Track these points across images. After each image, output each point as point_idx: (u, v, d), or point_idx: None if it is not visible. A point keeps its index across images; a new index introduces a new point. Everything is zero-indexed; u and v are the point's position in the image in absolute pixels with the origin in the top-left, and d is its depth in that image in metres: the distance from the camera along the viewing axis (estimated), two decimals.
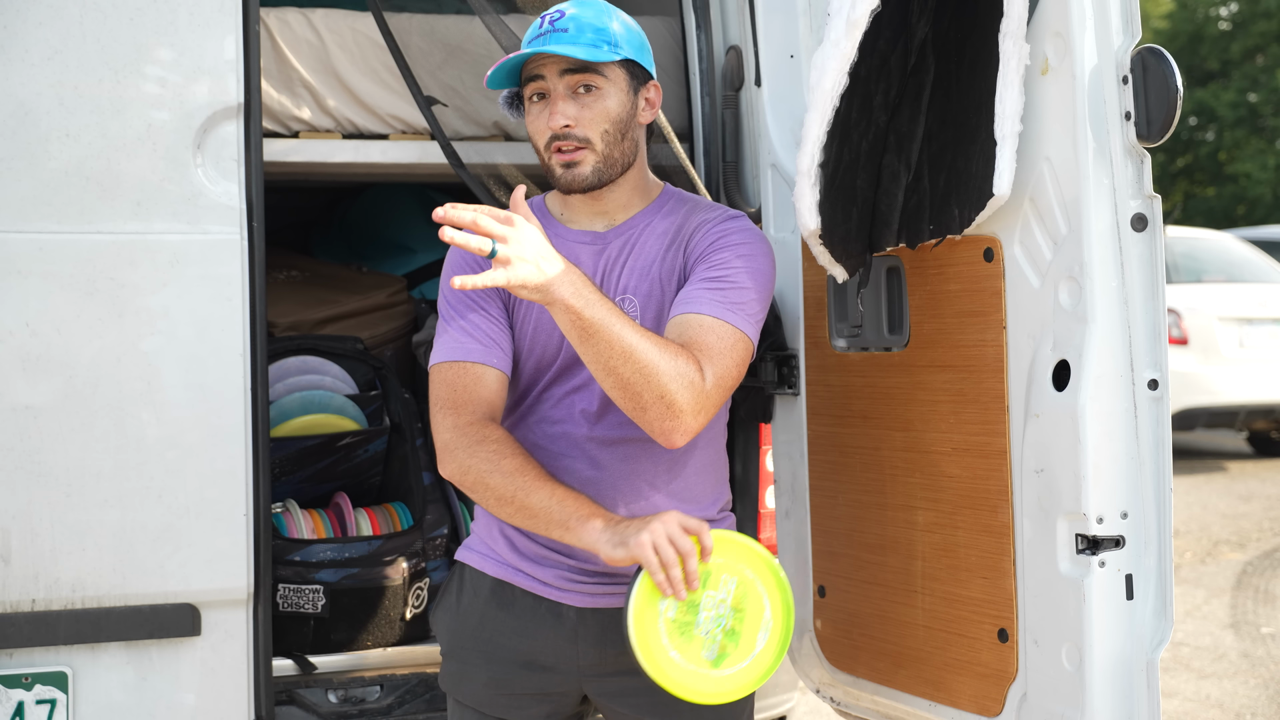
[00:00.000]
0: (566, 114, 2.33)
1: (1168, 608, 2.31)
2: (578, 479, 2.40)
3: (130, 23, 2.82)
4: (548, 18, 2.36)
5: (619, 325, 2.16)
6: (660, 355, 2.18)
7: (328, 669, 3.34)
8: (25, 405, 2.77)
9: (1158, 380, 2.32)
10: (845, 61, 2.54)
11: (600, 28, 2.36)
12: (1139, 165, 2.31)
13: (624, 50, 2.37)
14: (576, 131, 2.34)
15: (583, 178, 2.36)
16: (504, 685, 2.44)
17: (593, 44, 2.33)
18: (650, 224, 2.45)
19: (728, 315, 2.30)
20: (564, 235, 2.45)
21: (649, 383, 2.18)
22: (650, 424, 2.23)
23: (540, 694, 2.45)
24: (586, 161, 2.36)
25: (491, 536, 2.48)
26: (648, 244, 2.43)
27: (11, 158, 2.76)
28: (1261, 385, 10.38)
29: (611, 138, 2.37)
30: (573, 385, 2.43)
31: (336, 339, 3.96)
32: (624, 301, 2.41)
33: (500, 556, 2.47)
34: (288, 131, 3.37)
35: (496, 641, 2.44)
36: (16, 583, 2.76)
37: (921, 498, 2.66)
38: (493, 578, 2.47)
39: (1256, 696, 5.43)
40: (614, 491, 2.41)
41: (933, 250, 2.62)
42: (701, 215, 2.46)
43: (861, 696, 2.86)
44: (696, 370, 2.22)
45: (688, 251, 2.41)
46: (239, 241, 2.89)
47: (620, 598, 2.39)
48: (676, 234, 2.44)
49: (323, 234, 4.97)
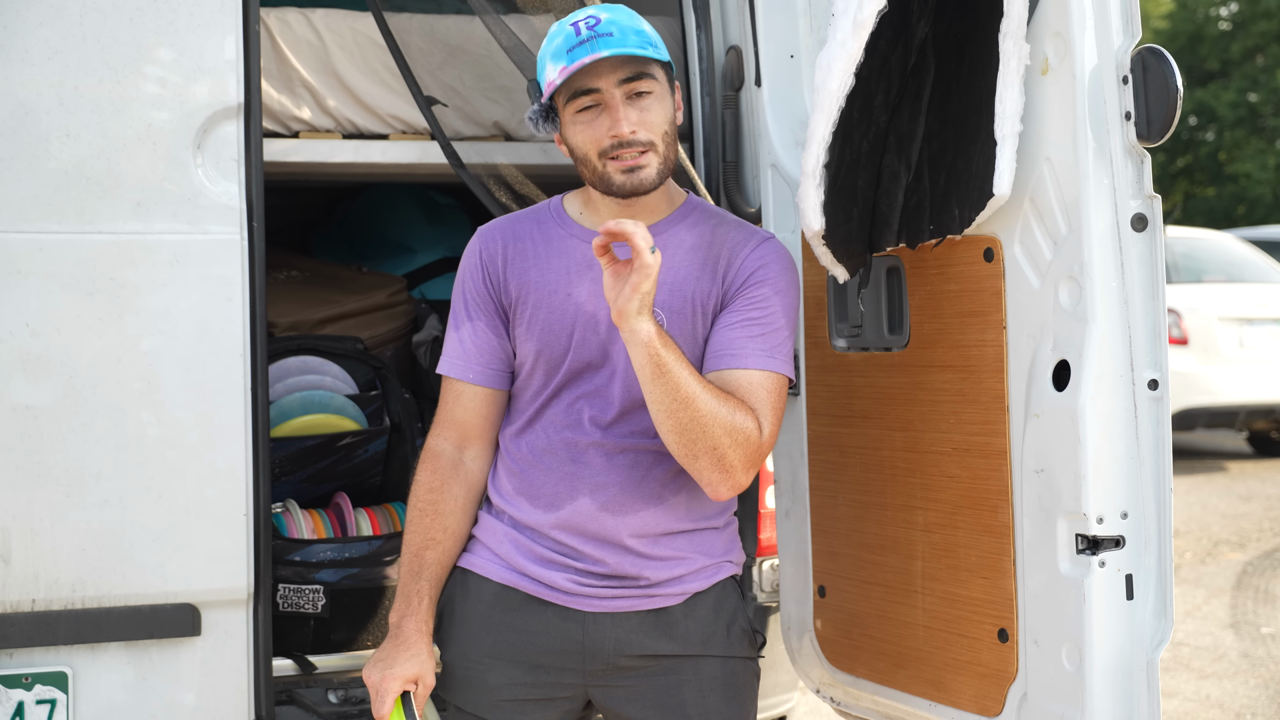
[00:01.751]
0: (631, 120, 2.33)
1: (1168, 608, 2.31)
2: (588, 485, 2.40)
3: (130, 23, 2.82)
4: (583, 23, 2.33)
5: (687, 372, 2.25)
6: (720, 408, 2.26)
7: (328, 669, 3.33)
8: (25, 405, 2.76)
9: (1158, 380, 2.32)
10: (852, 62, 2.54)
11: (639, 30, 2.36)
12: (1139, 165, 2.31)
13: (663, 51, 2.38)
14: (640, 136, 2.34)
15: (650, 180, 2.36)
16: (509, 691, 2.43)
17: (641, 46, 2.33)
18: (677, 235, 2.45)
19: (772, 364, 2.37)
20: (579, 235, 2.45)
21: (704, 434, 2.26)
22: (700, 474, 2.31)
23: (545, 699, 2.44)
24: (651, 165, 2.36)
25: (497, 542, 2.47)
26: (677, 258, 2.43)
27: (11, 158, 2.76)
28: (1261, 385, 10.38)
29: (670, 139, 2.39)
30: (582, 392, 2.42)
31: (336, 339, 3.96)
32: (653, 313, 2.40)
33: (507, 562, 2.46)
34: (288, 131, 3.37)
35: (501, 647, 2.43)
36: (16, 583, 2.76)
37: (921, 498, 2.66)
38: (498, 583, 2.46)
39: (1256, 696, 5.43)
40: (624, 498, 2.41)
41: (933, 250, 2.62)
42: (733, 237, 2.45)
43: (861, 696, 2.86)
44: (756, 427, 2.30)
45: (726, 281, 2.42)
46: (239, 241, 2.89)
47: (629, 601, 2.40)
48: (708, 253, 2.43)
49: (323, 234, 4.97)
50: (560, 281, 2.43)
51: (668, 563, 2.43)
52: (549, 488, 2.43)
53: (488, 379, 2.48)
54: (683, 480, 2.43)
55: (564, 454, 2.42)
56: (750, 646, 2.51)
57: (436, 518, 2.48)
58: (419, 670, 2.41)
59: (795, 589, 3.03)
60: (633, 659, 2.42)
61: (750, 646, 2.51)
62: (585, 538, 2.41)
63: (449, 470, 2.49)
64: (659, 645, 2.42)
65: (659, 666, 2.43)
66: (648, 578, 2.42)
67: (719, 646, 2.46)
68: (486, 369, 2.47)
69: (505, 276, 2.46)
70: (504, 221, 2.54)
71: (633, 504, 2.41)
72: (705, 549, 2.47)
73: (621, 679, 2.43)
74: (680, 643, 2.43)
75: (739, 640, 2.49)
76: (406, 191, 4.68)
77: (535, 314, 2.43)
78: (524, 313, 2.44)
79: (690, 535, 2.45)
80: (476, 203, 3.33)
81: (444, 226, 4.58)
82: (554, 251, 2.45)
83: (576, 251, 2.44)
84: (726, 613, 2.48)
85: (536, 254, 2.45)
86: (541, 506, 2.43)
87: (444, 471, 2.49)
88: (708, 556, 2.47)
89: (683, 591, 2.44)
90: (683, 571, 2.44)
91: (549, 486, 2.43)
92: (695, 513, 2.45)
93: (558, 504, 2.42)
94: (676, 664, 2.43)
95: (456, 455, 2.50)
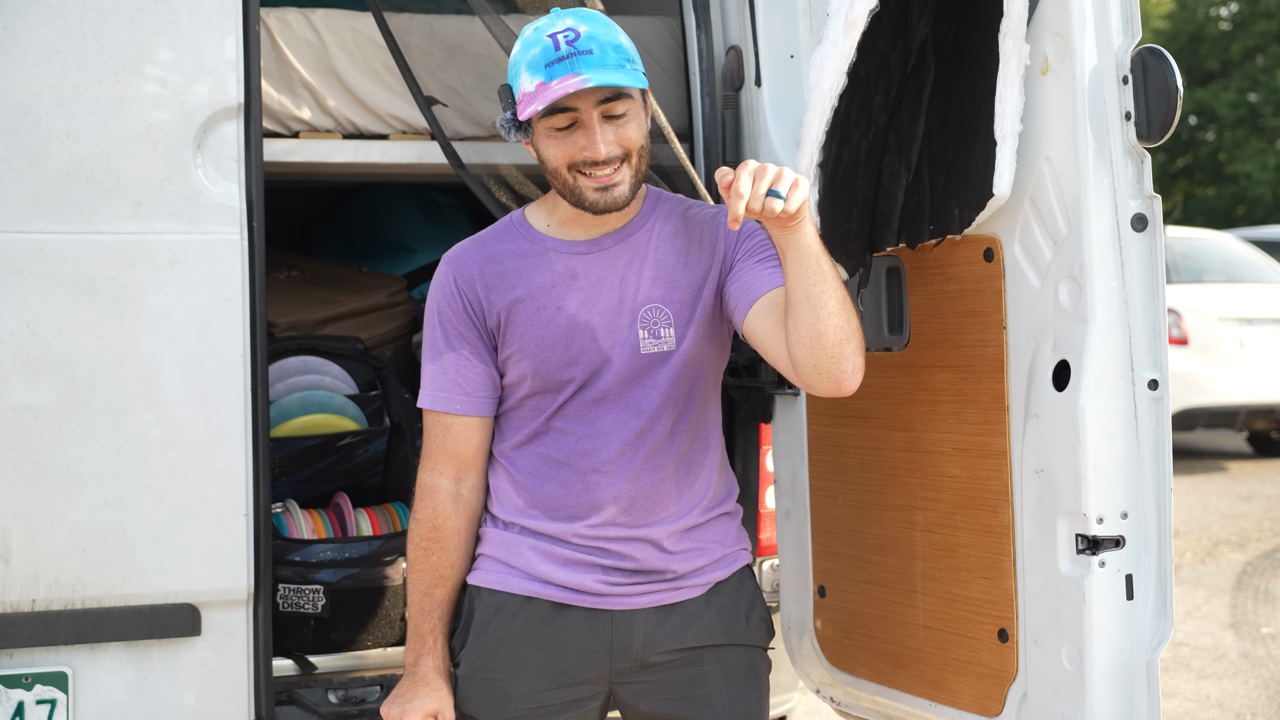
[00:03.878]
0: (607, 139, 2.32)
1: (1168, 608, 2.31)
2: (610, 494, 2.40)
3: (130, 23, 2.82)
4: (560, 37, 2.31)
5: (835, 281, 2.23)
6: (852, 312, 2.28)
7: (328, 669, 3.33)
8: (25, 405, 2.76)
9: (1158, 380, 2.32)
10: (844, 61, 2.54)
11: (617, 45, 2.34)
12: (1139, 165, 2.31)
13: (640, 66, 2.37)
14: (615, 153, 2.33)
15: (623, 198, 2.36)
16: (532, 700, 2.41)
17: (619, 65, 2.31)
18: (654, 229, 2.45)
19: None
20: (555, 248, 2.44)
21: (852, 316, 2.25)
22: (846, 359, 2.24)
23: (569, 703, 2.43)
24: (624, 182, 2.35)
25: (514, 554, 2.45)
26: (662, 252, 2.43)
27: (12, 158, 2.76)
28: (1261, 385, 10.38)
29: (643, 151, 2.38)
30: (591, 399, 2.41)
31: (336, 339, 3.96)
32: (655, 310, 2.40)
33: (529, 572, 2.44)
34: (288, 131, 3.37)
35: (526, 658, 2.42)
36: (17, 583, 2.76)
37: (922, 498, 2.66)
38: (521, 596, 2.44)
39: (1256, 697, 5.43)
40: (647, 500, 2.41)
41: (933, 250, 2.62)
42: (703, 214, 2.48)
43: (862, 696, 2.87)
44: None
45: (723, 248, 2.43)
46: (239, 241, 2.89)
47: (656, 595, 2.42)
48: (688, 238, 2.44)
49: (323, 234, 4.97)
50: (547, 297, 2.41)
51: (690, 554, 2.45)
52: (569, 500, 2.42)
53: (477, 408, 2.46)
54: (697, 471, 2.45)
55: (582, 465, 2.41)
56: (768, 635, 2.54)
57: (443, 554, 2.48)
58: (439, 705, 2.42)
59: (795, 589, 3.03)
60: (661, 654, 2.43)
61: (768, 635, 2.54)
62: (612, 539, 2.41)
63: (449, 505, 2.48)
64: (685, 637, 2.44)
65: (685, 659, 2.44)
66: (674, 570, 2.44)
67: (741, 635, 2.49)
68: (473, 398, 2.45)
69: (488, 301, 2.43)
70: (471, 245, 2.50)
71: (655, 503, 2.42)
72: (722, 538, 2.49)
73: (648, 674, 2.43)
74: (705, 633, 2.45)
75: (758, 628, 2.52)
76: (406, 191, 4.68)
77: (527, 332, 2.41)
78: (514, 333, 2.42)
79: (708, 525, 2.48)
80: (476, 203, 3.33)
81: (444, 226, 4.57)
82: (533, 269, 2.43)
83: (558, 264, 2.42)
84: (746, 600, 2.51)
85: (518, 274, 2.43)
86: (562, 519, 2.43)
87: (444, 507, 2.48)
88: (725, 545, 2.49)
89: (706, 582, 2.47)
90: (704, 562, 2.46)
91: (569, 499, 2.42)
92: (710, 501, 2.48)
93: (580, 515, 2.42)
94: (701, 654, 2.45)
95: (454, 489, 2.49)
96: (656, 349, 2.40)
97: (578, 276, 2.40)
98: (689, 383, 2.43)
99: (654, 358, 2.40)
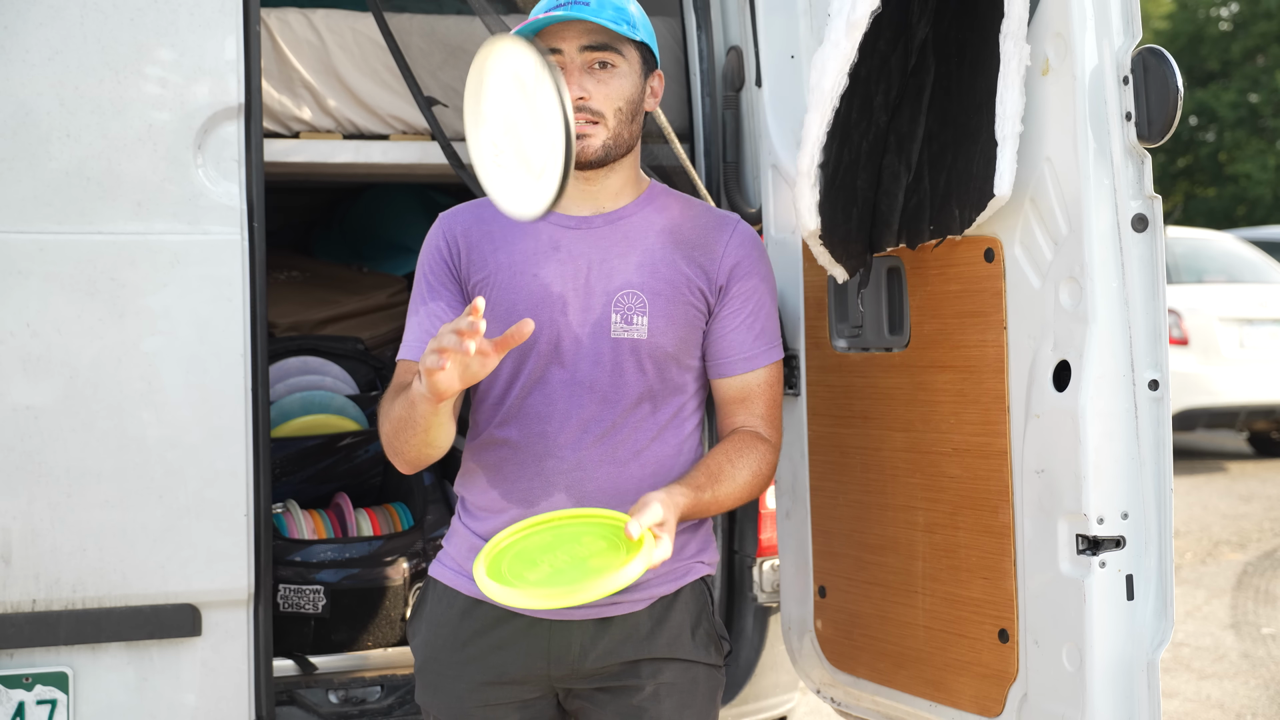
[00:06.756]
0: (584, 87, 2.33)
1: (1168, 608, 2.31)
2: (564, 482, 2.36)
3: (131, 23, 2.82)
4: None
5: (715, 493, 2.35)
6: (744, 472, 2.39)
7: (328, 669, 3.34)
8: (26, 405, 2.77)
9: (1158, 380, 2.32)
10: (845, 62, 2.54)
11: (620, 7, 2.36)
12: (1139, 166, 2.31)
13: (640, 33, 2.38)
14: (591, 104, 2.33)
15: (593, 149, 2.35)
16: (479, 698, 2.40)
17: (613, 20, 2.33)
18: (647, 218, 2.43)
19: (775, 354, 2.47)
20: (550, 219, 2.41)
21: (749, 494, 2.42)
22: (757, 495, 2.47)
23: (518, 701, 2.41)
24: (597, 135, 2.35)
25: (462, 555, 2.44)
26: (648, 240, 2.41)
27: (12, 158, 2.76)
28: (1262, 385, 10.38)
29: (624, 116, 2.37)
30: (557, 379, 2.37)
31: (337, 339, 3.97)
32: (631, 295, 2.38)
33: None
34: (288, 132, 3.38)
35: (470, 655, 2.40)
36: (17, 583, 2.76)
37: (922, 498, 2.66)
38: (466, 596, 2.42)
39: (1257, 697, 5.43)
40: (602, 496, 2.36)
41: (933, 250, 2.62)
42: (703, 220, 2.46)
43: (862, 697, 2.86)
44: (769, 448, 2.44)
45: (710, 276, 2.41)
46: (239, 242, 2.89)
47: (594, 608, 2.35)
48: (679, 235, 2.42)
49: (323, 234, 4.98)
50: (526, 263, 2.39)
51: None
52: (522, 484, 2.38)
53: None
54: (664, 474, 2.39)
55: (538, 448, 2.37)
56: (715, 652, 2.46)
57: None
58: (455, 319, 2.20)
59: (795, 589, 3.03)
60: (597, 666, 2.38)
61: (715, 652, 2.46)
62: None
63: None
64: (622, 651, 2.38)
65: (623, 672, 2.39)
66: None
67: (684, 650, 2.41)
68: None
69: (470, 260, 2.42)
70: (467, 206, 2.49)
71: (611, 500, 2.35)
72: (677, 551, 2.41)
73: (585, 683, 2.39)
74: (644, 646, 2.39)
75: (703, 644, 2.44)
76: (407, 192, 4.69)
77: (501, 296, 2.38)
78: (489, 296, 2.38)
79: None
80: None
81: None
82: (519, 234, 2.41)
83: (543, 233, 2.40)
84: (692, 615, 2.44)
85: (504, 237, 2.42)
86: (515, 502, 2.38)
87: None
88: (676, 559, 2.42)
89: (648, 597, 2.40)
90: (649, 577, 2.37)
91: (522, 482, 2.38)
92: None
93: (532, 501, 2.37)
94: (637, 668, 2.39)
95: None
96: (627, 334, 2.36)
97: (560, 249, 2.38)
98: (659, 376, 2.39)
99: (624, 344, 2.37)
